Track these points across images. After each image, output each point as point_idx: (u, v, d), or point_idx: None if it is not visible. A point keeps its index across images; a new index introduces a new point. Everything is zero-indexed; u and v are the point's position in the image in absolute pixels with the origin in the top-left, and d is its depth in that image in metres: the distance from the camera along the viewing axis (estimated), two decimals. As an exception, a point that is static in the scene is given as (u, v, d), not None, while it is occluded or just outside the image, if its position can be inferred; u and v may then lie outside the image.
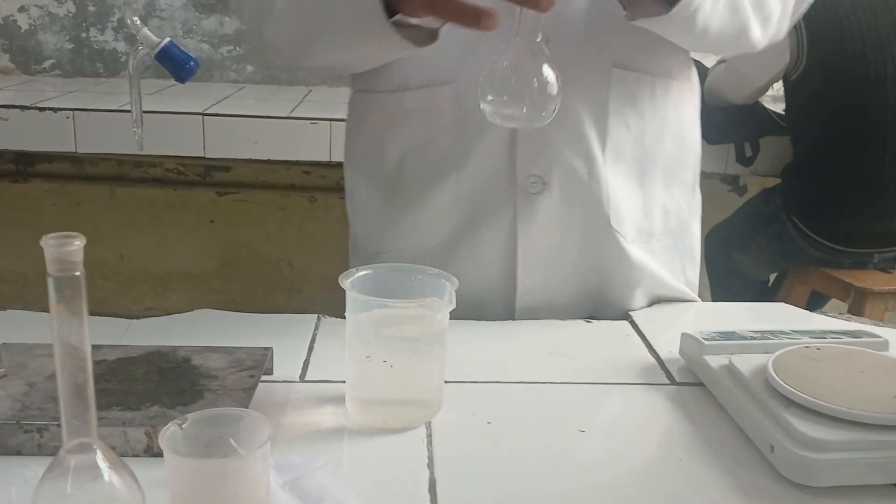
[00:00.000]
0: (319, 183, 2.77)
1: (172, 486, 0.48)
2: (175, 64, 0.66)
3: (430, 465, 0.58)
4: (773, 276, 2.33)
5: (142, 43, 0.65)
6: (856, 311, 1.92)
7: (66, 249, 0.43)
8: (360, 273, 0.64)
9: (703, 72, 2.12)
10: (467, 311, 0.86)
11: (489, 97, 0.70)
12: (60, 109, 2.10)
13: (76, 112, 2.11)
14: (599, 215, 0.88)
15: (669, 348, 0.78)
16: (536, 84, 0.69)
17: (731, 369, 0.67)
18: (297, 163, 2.50)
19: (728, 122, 2.10)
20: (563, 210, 0.87)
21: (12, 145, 2.25)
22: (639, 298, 0.92)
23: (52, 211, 2.75)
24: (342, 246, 1.22)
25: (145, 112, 2.12)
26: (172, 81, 2.58)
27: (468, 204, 0.90)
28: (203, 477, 0.48)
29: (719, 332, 0.73)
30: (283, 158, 2.23)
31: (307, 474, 0.56)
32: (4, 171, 2.73)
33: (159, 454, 0.56)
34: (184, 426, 0.49)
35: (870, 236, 1.94)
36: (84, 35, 2.67)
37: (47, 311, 0.46)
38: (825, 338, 0.72)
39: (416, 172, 0.92)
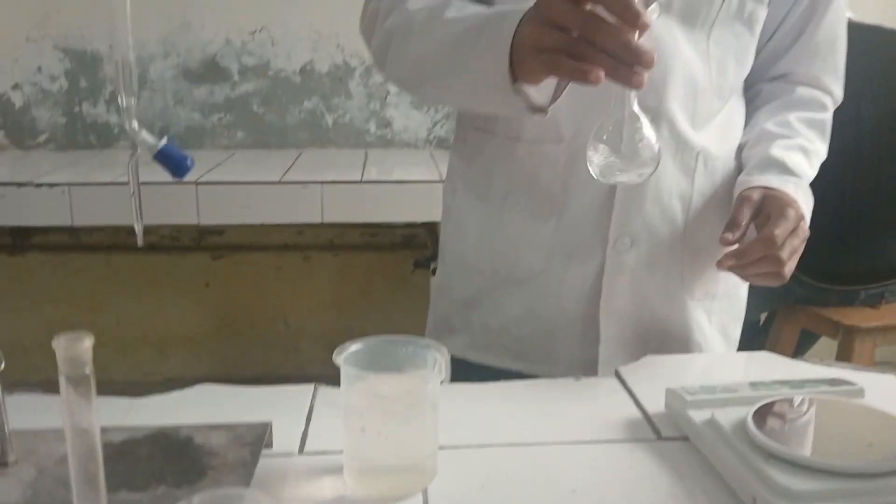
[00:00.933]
0: (312, 242, 2.80)
1: (181, 567, 0.50)
2: (173, 162, 0.69)
3: (428, 533, 0.61)
4: (763, 316, 2.36)
5: (140, 145, 0.68)
6: (845, 347, 1.95)
7: (77, 350, 0.46)
8: (353, 348, 0.67)
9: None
10: (534, 342, 0.98)
11: (595, 157, 0.77)
12: (56, 185, 2.14)
13: (72, 187, 2.15)
14: (674, 274, 0.98)
15: (656, 403, 0.80)
16: (638, 144, 0.75)
17: (713, 423, 0.70)
18: (290, 224, 2.54)
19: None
20: (646, 268, 0.96)
21: (9, 221, 2.29)
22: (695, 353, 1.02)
23: (49, 281, 2.78)
24: (336, 303, 1.25)
25: (144, 184, 2.17)
26: (165, 150, 2.59)
27: (561, 248, 0.98)
28: (210, 557, 0.50)
29: (702, 387, 0.76)
30: (276, 222, 2.27)
31: (309, 547, 0.58)
32: (2, 245, 2.77)
33: (167, 533, 0.59)
34: (191, 507, 0.52)
35: (854, 274, 1.98)
36: (77, 109, 2.73)
37: (48, 385, 0.49)
38: (804, 387, 0.75)
39: (517, 210, 1.00)
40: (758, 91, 1.07)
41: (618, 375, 0.90)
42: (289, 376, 1.00)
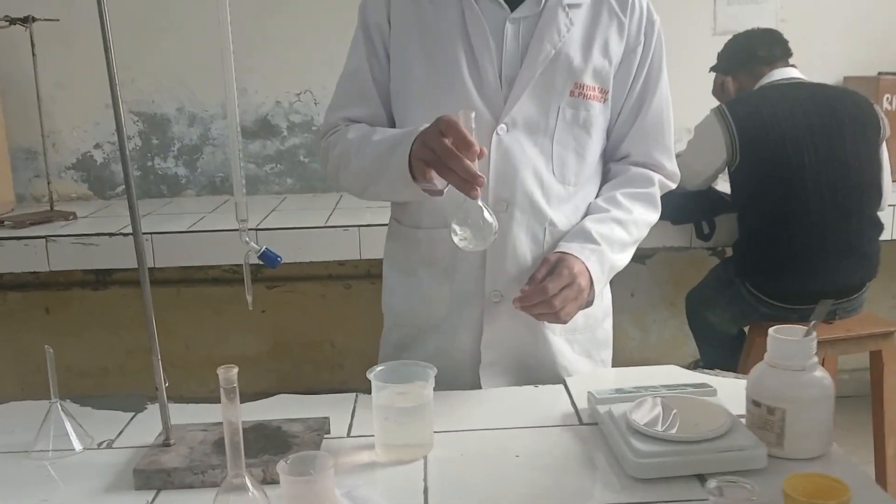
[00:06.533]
0: (353, 272, 3.23)
1: (285, 493, 0.91)
2: (269, 260, 1.10)
3: (425, 479, 1.01)
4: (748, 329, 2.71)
5: (251, 250, 1.10)
6: (801, 357, 2.30)
7: (229, 374, 0.88)
8: (378, 368, 1.08)
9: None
10: (444, 370, 1.25)
11: (456, 236, 1.17)
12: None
13: (153, 235, 2.58)
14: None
15: (584, 401, 1.20)
16: (481, 225, 1.15)
17: (609, 413, 1.09)
18: (333, 259, 2.94)
19: (687, 205, 2.52)
20: (513, 314, 1.29)
21: (99, 265, 2.70)
22: (560, 373, 1.36)
23: (127, 312, 3.23)
24: (375, 325, 1.62)
25: (210, 231, 2.60)
26: (226, 198, 3.07)
27: (455, 303, 1.36)
28: (302, 489, 0.91)
29: (611, 390, 1.16)
30: (321, 259, 2.68)
31: (356, 489, 0.98)
32: (86, 281, 3.23)
33: (270, 483, 1.00)
34: (288, 462, 0.92)
35: (808, 294, 2.32)
36: (150, 163, 3.19)
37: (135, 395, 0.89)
38: (675, 390, 1.14)
39: (425, 276, 1.39)
40: (608, 170, 1.42)
41: (564, 384, 1.30)
42: (334, 390, 1.38)
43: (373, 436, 1.09)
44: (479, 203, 1.14)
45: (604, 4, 1.31)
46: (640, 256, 3.19)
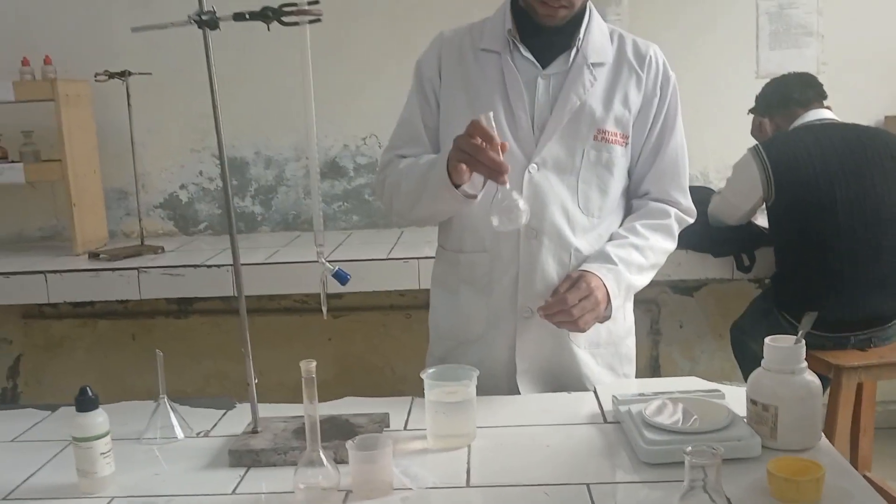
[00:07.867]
0: (413, 302, 3.44)
1: (352, 466, 1.11)
2: (340, 278, 1.32)
3: (468, 462, 1.20)
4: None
5: (325, 271, 1.31)
6: (836, 382, 2.41)
7: (310, 366, 1.09)
8: (430, 371, 1.28)
9: (706, 197, 2.72)
10: (483, 378, 1.45)
11: (494, 221, 1.34)
12: (222, 266, 2.84)
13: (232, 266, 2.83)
14: (562, 332, 1.49)
15: (610, 405, 1.37)
16: (512, 208, 1.32)
17: (628, 412, 1.26)
18: (393, 289, 3.15)
19: (727, 238, 2.68)
20: (542, 328, 1.49)
21: (185, 293, 2.96)
22: (585, 384, 1.54)
23: (206, 339, 3.49)
24: None
25: (284, 262, 2.84)
26: (298, 234, 3.31)
27: (491, 318, 1.56)
28: (364, 461, 1.11)
29: (632, 394, 1.33)
30: (383, 289, 2.90)
31: (410, 467, 1.18)
32: (170, 310, 3.51)
33: (339, 462, 1.20)
34: (355, 441, 1.13)
35: (843, 323, 2.44)
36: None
37: (225, 397, 1.11)
38: (688, 394, 1.31)
39: (465, 294, 1.59)
40: (630, 205, 1.60)
41: (594, 391, 1.47)
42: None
43: (425, 428, 1.29)
44: (508, 188, 1.32)
45: (624, 62, 1.52)
46: (688, 289, 3.33)
